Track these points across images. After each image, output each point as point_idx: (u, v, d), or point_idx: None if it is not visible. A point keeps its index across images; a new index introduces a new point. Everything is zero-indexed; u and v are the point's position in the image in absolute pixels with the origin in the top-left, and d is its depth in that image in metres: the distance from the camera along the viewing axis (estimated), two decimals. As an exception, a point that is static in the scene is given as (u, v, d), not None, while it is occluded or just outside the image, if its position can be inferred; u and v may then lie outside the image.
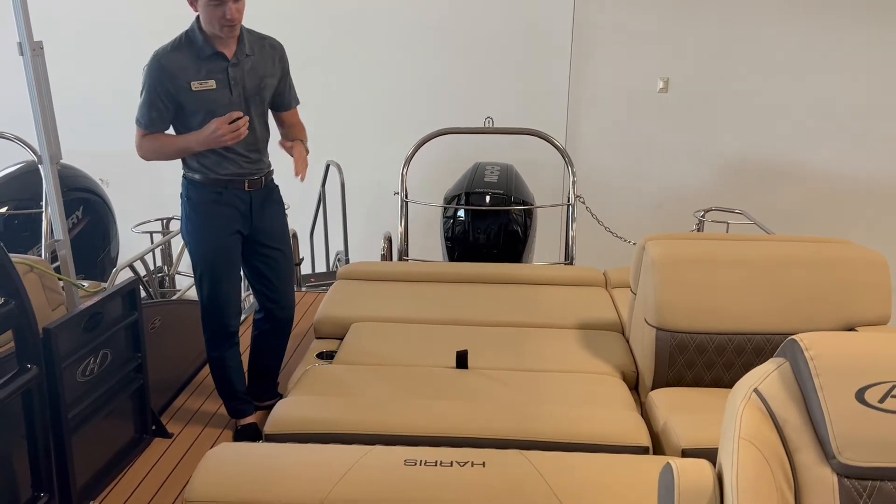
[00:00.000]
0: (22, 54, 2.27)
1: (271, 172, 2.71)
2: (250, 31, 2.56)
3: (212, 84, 2.44)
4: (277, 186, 2.75)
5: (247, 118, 2.45)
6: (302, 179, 2.60)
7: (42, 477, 2.14)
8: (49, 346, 2.14)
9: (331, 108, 5.12)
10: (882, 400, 1.18)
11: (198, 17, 2.45)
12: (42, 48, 2.31)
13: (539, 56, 5.06)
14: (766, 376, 1.26)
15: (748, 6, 4.80)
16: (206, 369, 3.17)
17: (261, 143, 2.60)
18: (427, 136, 4.02)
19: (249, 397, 2.87)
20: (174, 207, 4.77)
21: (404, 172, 3.99)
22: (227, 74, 2.47)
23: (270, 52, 2.60)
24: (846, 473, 1.18)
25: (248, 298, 3.85)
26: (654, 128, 5.06)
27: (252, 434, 2.77)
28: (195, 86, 2.43)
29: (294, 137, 2.70)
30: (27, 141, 3.83)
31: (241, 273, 2.75)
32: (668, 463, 1.25)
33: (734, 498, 1.18)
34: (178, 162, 4.72)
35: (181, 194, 2.63)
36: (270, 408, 2.91)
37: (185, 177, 2.61)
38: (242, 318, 4.03)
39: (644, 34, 4.92)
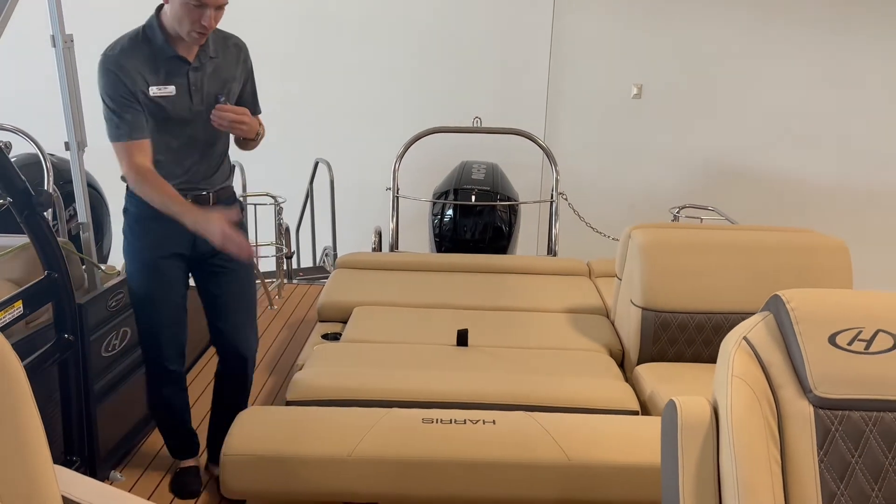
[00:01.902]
0: (54, 46, 2.40)
1: (227, 189, 2.36)
2: (214, 30, 2.20)
3: (171, 90, 2.13)
4: (238, 202, 2.38)
5: (250, 249, 2.11)
6: (227, 125, 2.18)
7: (74, 442, 2.28)
8: (82, 320, 2.28)
9: (319, 106, 5.28)
10: (850, 343, 1.40)
11: (158, 13, 2.14)
12: (73, 41, 2.44)
13: (519, 61, 5.28)
14: (754, 326, 1.47)
15: (718, 19, 5.09)
16: (210, 353, 3.30)
17: (214, 157, 2.28)
18: (419, 134, 4.21)
19: (196, 436, 2.56)
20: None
21: (396, 167, 4.17)
22: (187, 79, 2.16)
23: (235, 53, 2.28)
24: (821, 405, 1.40)
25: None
26: (628, 132, 5.31)
27: (192, 478, 2.48)
28: (154, 91, 2.12)
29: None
30: (28, 133, 3.92)
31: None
32: (671, 399, 1.46)
33: (729, 426, 1.39)
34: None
35: (123, 209, 2.29)
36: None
37: (127, 189, 2.26)
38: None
39: (619, 43, 5.18)
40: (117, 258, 3.75)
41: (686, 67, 5.19)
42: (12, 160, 4.36)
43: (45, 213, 2.04)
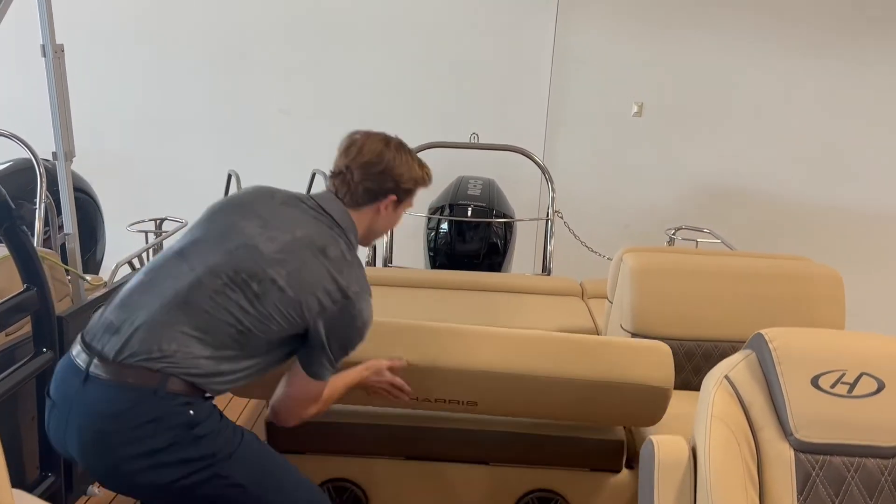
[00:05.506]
0: (44, 56, 2.38)
1: None
2: None
3: None
4: None
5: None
6: None
7: (51, 459, 2.25)
8: (62, 333, 2.25)
9: (317, 119, 5.27)
10: (833, 385, 1.37)
11: (350, 226, 1.81)
12: (63, 51, 2.42)
13: (520, 77, 5.26)
14: (736, 365, 1.44)
15: (721, 40, 5.07)
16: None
17: None
18: (416, 149, 4.18)
19: None
20: (156, 210, 4.86)
21: (392, 183, 4.14)
22: None
23: None
24: (801, 448, 1.37)
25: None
26: (628, 150, 5.29)
27: None
28: None
29: None
30: (22, 138, 3.90)
31: None
32: (648, 439, 1.43)
33: (706, 468, 1.35)
34: (158, 162, 4.55)
35: (181, 423, 1.61)
36: None
37: (186, 402, 1.61)
38: None
39: (621, 61, 5.16)
40: (112, 264, 3.73)
41: (688, 87, 5.16)
42: (6, 165, 4.39)
43: (24, 227, 2.01)
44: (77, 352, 1.68)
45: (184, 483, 1.60)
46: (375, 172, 1.80)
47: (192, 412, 1.60)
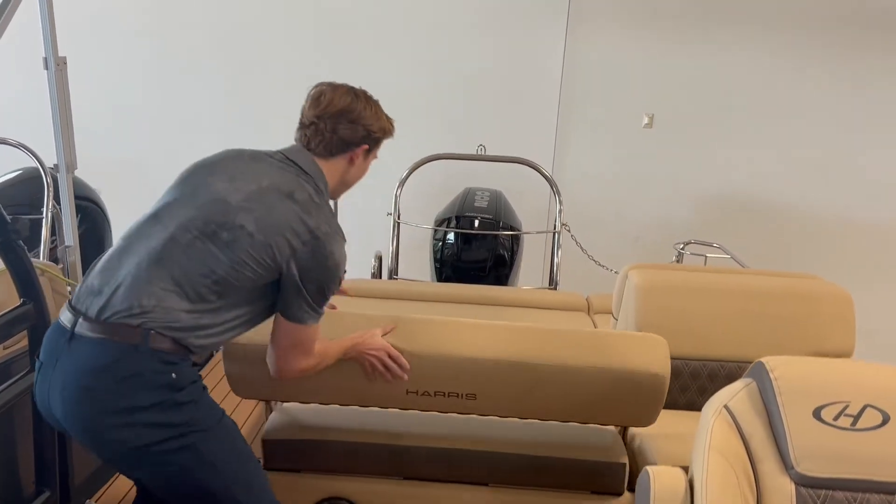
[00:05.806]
0: (47, 69, 2.38)
1: None
2: None
3: None
4: None
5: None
6: None
7: (46, 473, 2.23)
8: (59, 347, 2.24)
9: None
10: (836, 418, 1.33)
11: (312, 166, 1.82)
12: (66, 63, 2.43)
13: (530, 89, 5.24)
14: (736, 394, 1.40)
15: (732, 49, 5.02)
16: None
17: None
18: (422, 161, 4.17)
19: None
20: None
21: (398, 194, 4.13)
22: None
23: None
24: (803, 483, 1.32)
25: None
26: (638, 162, 5.24)
27: None
28: None
29: None
30: (30, 148, 3.92)
31: None
32: (645, 469, 1.39)
33: (703, 502, 1.31)
34: (158, 163, 4.50)
35: (163, 384, 1.62)
36: None
37: (169, 362, 1.63)
38: None
39: (631, 71, 5.12)
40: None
41: (699, 97, 5.11)
42: (17, 174, 4.40)
43: (20, 241, 2.00)
44: (64, 316, 1.73)
45: (157, 449, 1.61)
46: (347, 121, 1.83)
47: (174, 375, 1.62)
